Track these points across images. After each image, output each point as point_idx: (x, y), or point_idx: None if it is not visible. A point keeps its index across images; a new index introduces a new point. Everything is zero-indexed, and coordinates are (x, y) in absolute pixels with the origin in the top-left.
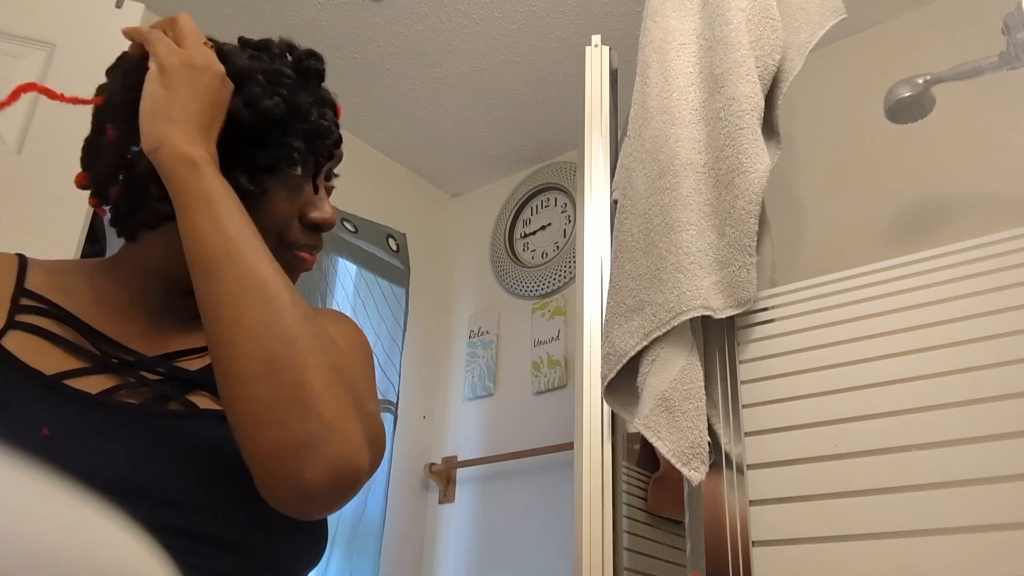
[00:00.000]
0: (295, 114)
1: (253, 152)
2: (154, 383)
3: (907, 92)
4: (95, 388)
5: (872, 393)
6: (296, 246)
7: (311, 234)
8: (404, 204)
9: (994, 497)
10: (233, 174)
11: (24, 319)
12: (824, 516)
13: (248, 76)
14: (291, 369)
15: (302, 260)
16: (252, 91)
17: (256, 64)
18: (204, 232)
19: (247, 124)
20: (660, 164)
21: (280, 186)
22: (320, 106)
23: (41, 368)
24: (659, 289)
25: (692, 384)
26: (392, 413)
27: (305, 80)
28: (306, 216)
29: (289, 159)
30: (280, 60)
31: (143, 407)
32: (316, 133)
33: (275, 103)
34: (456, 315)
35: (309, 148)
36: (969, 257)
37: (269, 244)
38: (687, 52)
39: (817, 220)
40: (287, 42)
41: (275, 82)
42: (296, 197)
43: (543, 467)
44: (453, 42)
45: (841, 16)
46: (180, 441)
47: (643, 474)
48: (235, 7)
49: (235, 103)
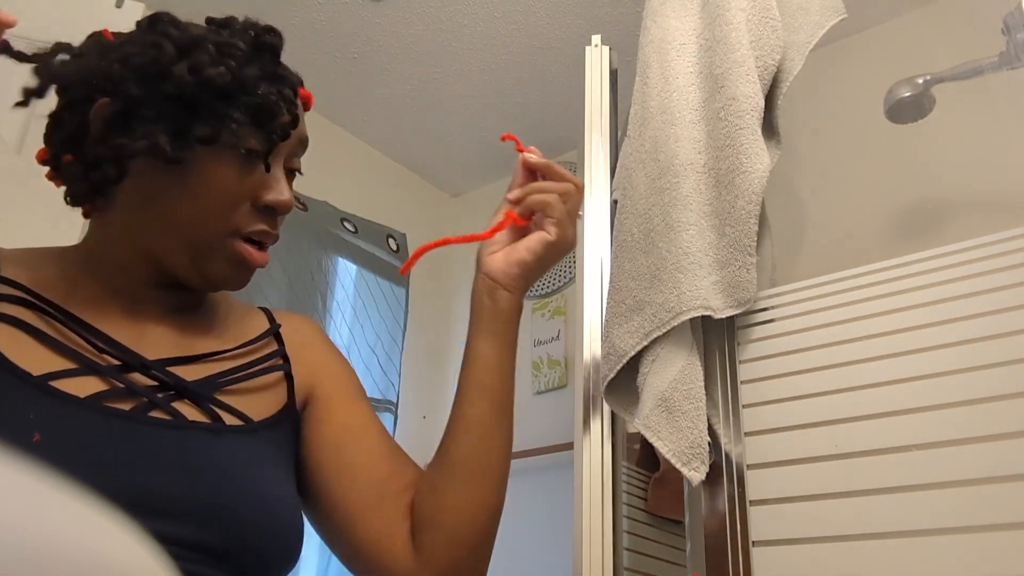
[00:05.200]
0: (241, 86)
1: (191, 121)
2: (144, 389)
3: (907, 92)
4: (83, 391)
5: (872, 393)
6: (242, 232)
7: (263, 217)
8: (404, 204)
9: (994, 497)
10: (156, 137)
11: (3, 309)
12: (824, 516)
13: (198, 43)
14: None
15: (247, 254)
16: (199, 58)
17: (209, 35)
18: (507, 373)
19: (189, 91)
20: (660, 164)
21: (226, 163)
22: (272, 82)
23: (26, 366)
24: (659, 289)
25: (692, 384)
26: (392, 413)
27: (258, 54)
28: (259, 198)
29: (229, 132)
30: (238, 34)
31: (132, 415)
32: (263, 108)
33: (220, 72)
34: (456, 315)
35: (256, 124)
36: (969, 257)
37: (214, 229)
38: (687, 52)
39: (817, 220)
40: (251, 21)
41: (225, 53)
42: (247, 177)
43: (543, 467)
44: (453, 42)
45: (841, 16)
46: (168, 451)
47: (643, 474)
48: (235, 7)
49: (179, 69)
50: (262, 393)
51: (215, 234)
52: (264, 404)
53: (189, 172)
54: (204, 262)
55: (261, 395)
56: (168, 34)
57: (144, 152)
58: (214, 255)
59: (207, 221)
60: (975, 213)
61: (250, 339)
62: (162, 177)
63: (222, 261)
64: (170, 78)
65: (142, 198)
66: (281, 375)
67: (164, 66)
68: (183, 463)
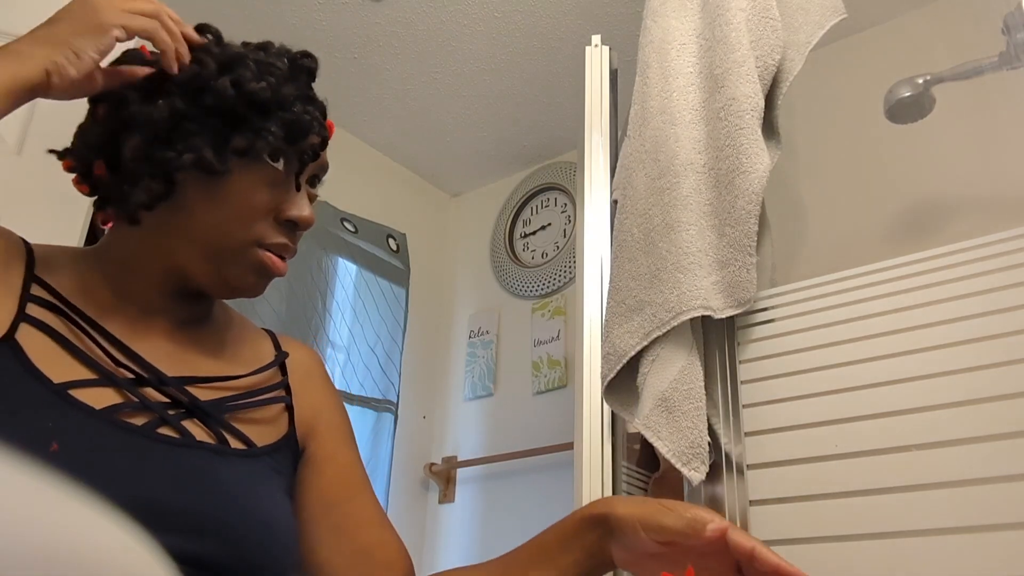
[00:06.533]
0: (279, 102)
1: (231, 133)
2: (157, 405)
3: (907, 92)
4: (99, 403)
5: (872, 393)
6: (265, 243)
7: (285, 232)
8: (404, 204)
9: (994, 497)
10: (202, 151)
11: (33, 311)
12: (824, 516)
13: (240, 60)
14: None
15: (270, 262)
16: (242, 73)
17: (250, 53)
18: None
19: (230, 104)
20: (660, 164)
21: (257, 176)
22: (306, 103)
23: (48, 373)
24: (659, 289)
25: (692, 384)
26: (392, 413)
27: (295, 74)
28: (283, 212)
29: (265, 145)
30: (276, 56)
31: (143, 430)
32: (297, 126)
33: (261, 87)
34: (456, 315)
35: (289, 140)
36: (969, 257)
37: (237, 238)
38: (687, 52)
39: (817, 220)
40: (286, 47)
41: (265, 70)
42: (274, 192)
43: (543, 467)
44: (453, 42)
45: (841, 16)
46: (175, 467)
47: (643, 474)
48: (235, 7)
49: (222, 83)
50: (265, 421)
51: (238, 243)
52: (266, 432)
53: (221, 183)
54: (227, 269)
55: (264, 422)
56: (209, 51)
57: (191, 165)
58: (236, 263)
59: (232, 230)
60: (975, 213)
61: (258, 368)
62: (196, 188)
63: (244, 269)
64: (212, 92)
65: (175, 207)
66: (283, 407)
67: (206, 80)
68: (188, 480)
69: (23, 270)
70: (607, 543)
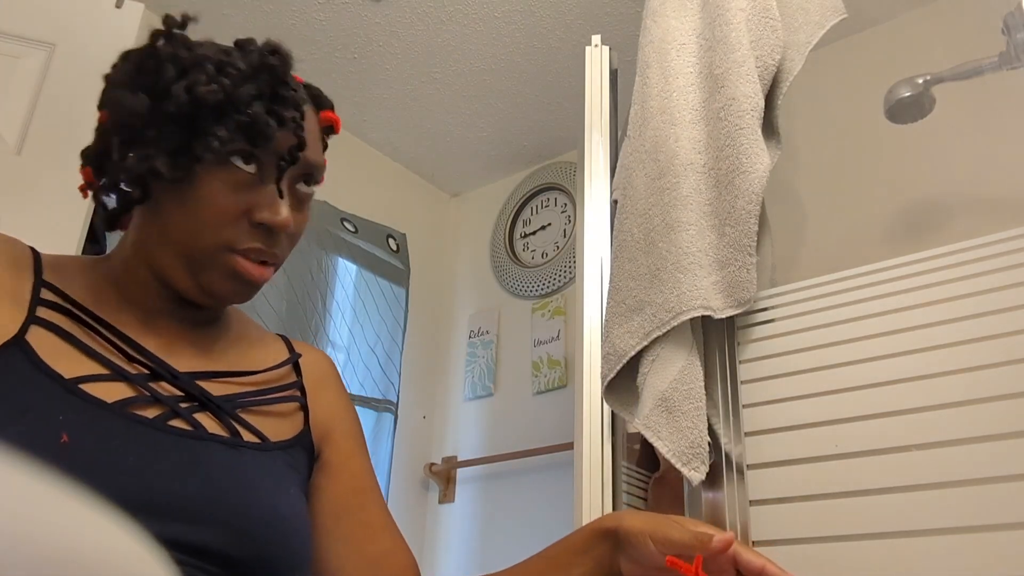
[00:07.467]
0: (234, 104)
1: (189, 139)
2: (169, 399)
3: (907, 92)
4: (111, 396)
5: (872, 393)
6: (236, 248)
7: (258, 235)
8: (404, 204)
9: (994, 497)
10: (154, 159)
11: (43, 314)
12: (824, 516)
13: (198, 64)
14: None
15: (242, 268)
16: (196, 77)
17: (211, 54)
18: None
19: (185, 110)
20: (660, 164)
21: (224, 180)
22: (271, 102)
23: (60, 369)
24: (659, 289)
25: (692, 384)
26: (392, 413)
27: (256, 74)
28: (252, 215)
29: (206, 147)
30: (243, 55)
31: (154, 422)
32: (253, 127)
33: (212, 90)
34: (456, 315)
35: (252, 142)
36: (969, 257)
37: (206, 243)
38: (687, 52)
39: (817, 220)
40: (269, 44)
41: (222, 72)
42: (244, 195)
43: (543, 467)
44: (453, 42)
45: (841, 16)
46: (187, 460)
47: (643, 474)
48: (235, 7)
49: (177, 88)
50: (279, 418)
51: (209, 248)
52: (280, 428)
53: (191, 188)
54: (201, 275)
55: (278, 420)
56: (176, 55)
57: (145, 173)
58: (210, 268)
59: (200, 235)
60: (975, 213)
61: (271, 365)
62: (169, 193)
63: (219, 274)
64: (171, 98)
65: (150, 214)
66: (298, 405)
67: (167, 86)
68: (201, 472)
69: (32, 275)
70: (616, 556)
